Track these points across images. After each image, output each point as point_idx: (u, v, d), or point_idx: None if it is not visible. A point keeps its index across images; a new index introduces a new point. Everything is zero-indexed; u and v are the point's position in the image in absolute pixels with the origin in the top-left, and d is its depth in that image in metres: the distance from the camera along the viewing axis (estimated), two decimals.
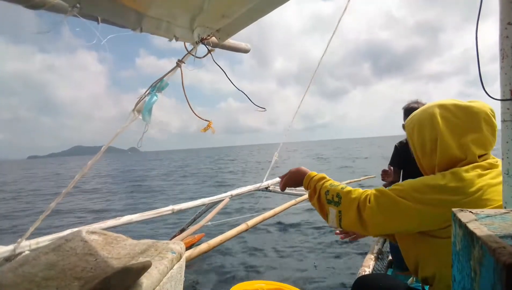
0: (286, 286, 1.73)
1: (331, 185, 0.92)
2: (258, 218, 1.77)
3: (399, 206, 0.79)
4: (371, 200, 0.83)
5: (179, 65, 1.09)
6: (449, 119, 0.87)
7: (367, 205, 0.82)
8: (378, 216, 0.81)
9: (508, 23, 0.55)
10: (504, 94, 0.57)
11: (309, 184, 0.98)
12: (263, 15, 1.02)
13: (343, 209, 0.86)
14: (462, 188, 0.76)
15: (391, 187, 0.84)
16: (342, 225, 0.87)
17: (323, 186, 0.93)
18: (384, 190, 0.84)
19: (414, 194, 0.78)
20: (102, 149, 1.15)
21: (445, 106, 0.90)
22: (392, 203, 0.80)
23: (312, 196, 0.96)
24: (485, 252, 0.31)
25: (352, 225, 0.85)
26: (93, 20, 0.85)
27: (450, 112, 0.88)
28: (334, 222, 0.89)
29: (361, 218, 0.83)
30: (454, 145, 0.85)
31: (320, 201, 0.93)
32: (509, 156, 0.57)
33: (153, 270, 0.75)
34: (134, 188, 11.38)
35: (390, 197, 0.81)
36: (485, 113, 0.85)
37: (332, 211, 0.89)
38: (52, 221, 5.83)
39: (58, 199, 1.22)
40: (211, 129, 1.16)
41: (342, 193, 0.88)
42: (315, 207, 0.96)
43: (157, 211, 2.07)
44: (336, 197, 0.88)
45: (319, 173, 1.00)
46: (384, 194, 0.82)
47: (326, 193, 0.91)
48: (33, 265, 0.73)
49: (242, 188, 2.87)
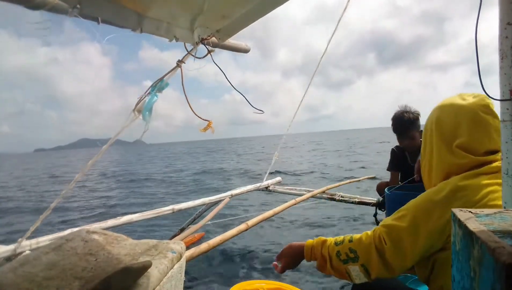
0: (286, 286, 1.73)
1: (337, 244, 0.85)
2: (258, 217, 1.77)
3: (412, 231, 0.75)
4: (386, 240, 0.78)
5: (179, 65, 1.09)
6: (441, 124, 0.87)
7: (385, 247, 0.77)
8: (400, 253, 0.76)
9: (507, 23, 0.55)
10: (503, 94, 0.57)
11: (313, 255, 0.89)
12: (263, 15, 1.03)
13: (365, 261, 0.80)
14: (466, 196, 0.74)
15: (394, 216, 0.80)
16: (373, 276, 0.81)
17: (330, 249, 0.85)
18: (390, 224, 0.79)
19: (420, 215, 0.75)
20: (103, 149, 1.15)
21: (443, 108, 0.89)
22: (405, 233, 0.76)
23: (323, 265, 0.87)
24: (485, 252, 0.31)
25: (380, 273, 0.79)
26: (94, 20, 0.86)
27: (443, 113, 0.88)
28: (362, 278, 0.82)
29: (385, 262, 0.78)
30: (446, 151, 0.84)
31: (334, 266, 0.85)
32: (508, 156, 0.57)
33: (153, 269, 0.75)
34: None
35: (399, 228, 0.77)
36: (472, 111, 0.82)
37: (353, 269, 0.82)
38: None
39: (58, 199, 1.22)
40: (210, 129, 1.16)
41: (354, 246, 0.81)
42: (331, 274, 0.87)
43: (157, 211, 2.07)
44: (350, 253, 0.81)
45: (316, 239, 0.91)
46: (393, 228, 0.78)
47: (338, 255, 0.83)
48: (33, 265, 0.73)
49: (242, 188, 2.87)
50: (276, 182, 3.25)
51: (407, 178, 2.37)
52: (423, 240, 0.75)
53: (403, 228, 0.77)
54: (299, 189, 3.07)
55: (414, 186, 2.17)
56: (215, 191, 4.65)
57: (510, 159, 0.57)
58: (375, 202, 2.75)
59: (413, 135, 2.20)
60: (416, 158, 2.30)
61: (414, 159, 2.33)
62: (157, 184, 10.45)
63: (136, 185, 10.50)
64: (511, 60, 0.55)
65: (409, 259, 0.77)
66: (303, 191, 2.98)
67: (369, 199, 2.81)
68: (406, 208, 0.80)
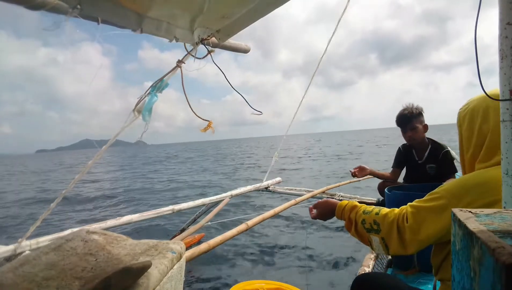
0: (286, 286, 1.73)
1: (364, 213, 0.88)
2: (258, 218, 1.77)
3: (438, 212, 0.75)
4: (409, 218, 0.79)
5: (179, 65, 1.09)
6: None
7: (406, 226, 0.78)
8: (418, 233, 0.76)
9: (507, 23, 0.55)
10: (503, 94, 0.57)
11: (343, 215, 0.95)
12: (263, 15, 1.03)
13: (385, 235, 0.82)
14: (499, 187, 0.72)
15: (426, 198, 0.80)
16: (391, 251, 0.83)
17: (357, 215, 0.90)
18: (417, 205, 0.80)
19: (450, 197, 0.74)
20: (103, 149, 1.15)
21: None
22: (430, 213, 0.76)
23: (349, 227, 0.93)
24: (485, 252, 0.31)
25: (398, 250, 0.81)
26: (94, 21, 0.86)
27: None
28: (380, 250, 0.85)
29: (402, 240, 0.79)
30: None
31: (359, 231, 0.89)
32: (508, 156, 0.57)
33: (153, 270, 0.75)
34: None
35: (426, 208, 0.77)
36: None
37: (375, 239, 0.85)
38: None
39: (58, 200, 1.23)
40: (211, 129, 1.16)
41: (379, 219, 0.84)
42: (355, 236, 0.92)
43: (157, 211, 2.07)
44: (374, 224, 0.85)
45: (349, 202, 0.96)
46: (420, 208, 0.78)
47: (363, 223, 0.87)
48: (33, 265, 0.73)
49: (242, 188, 2.87)
50: (276, 182, 3.25)
51: (414, 175, 2.38)
52: (445, 222, 0.74)
53: (429, 208, 0.77)
54: (299, 189, 3.07)
55: (414, 186, 2.18)
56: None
57: (510, 159, 0.57)
58: (375, 202, 2.75)
59: (415, 127, 2.26)
60: (422, 154, 2.32)
61: (420, 156, 2.35)
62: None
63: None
64: (511, 60, 0.55)
65: (425, 240, 0.77)
66: (303, 191, 2.98)
67: (369, 199, 2.81)
68: (437, 191, 0.79)
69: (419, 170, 2.32)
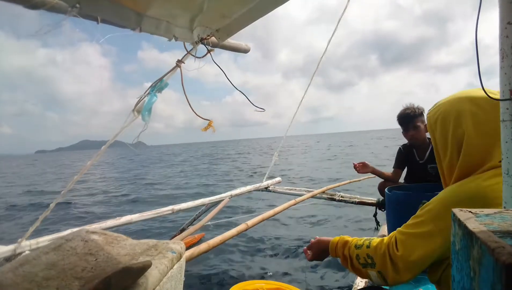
0: (286, 286, 1.73)
1: (357, 247, 0.88)
2: (258, 218, 1.77)
3: (425, 237, 0.74)
4: (399, 247, 0.78)
5: (178, 65, 1.09)
6: (479, 118, 0.77)
7: (397, 255, 0.78)
8: (411, 261, 0.76)
9: (508, 22, 0.55)
10: (503, 94, 0.57)
11: (337, 253, 0.94)
12: (263, 15, 1.02)
13: (381, 268, 0.81)
14: (484, 199, 0.70)
15: (412, 222, 0.79)
16: (389, 283, 0.82)
17: (350, 251, 0.89)
18: (406, 231, 0.79)
19: (434, 220, 0.74)
20: (102, 150, 1.15)
21: (476, 100, 0.78)
22: (418, 238, 0.75)
23: (345, 264, 0.92)
24: (485, 251, 0.31)
25: (396, 280, 0.80)
26: (93, 20, 0.86)
27: (480, 108, 0.77)
28: (380, 283, 0.84)
29: (397, 270, 0.78)
30: (481, 149, 0.76)
31: (355, 267, 0.88)
32: (508, 156, 0.57)
33: (153, 269, 0.75)
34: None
35: (414, 235, 0.76)
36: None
37: (372, 273, 0.84)
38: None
39: (58, 200, 1.23)
40: (211, 128, 1.16)
41: (371, 252, 0.83)
42: (354, 273, 0.91)
43: (157, 211, 2.07)
44: (368, 258, 0.84)
45: (340, 238, 0.96)
46: (408, 235, 0.77)
47: (357, 258, 0.86)
48: (33, 265, 0.73)
49: (242, 188, 2.87)
50: (276, 182, 3.25)
51: (415, 175, 2.38)
52: (437, 245, 0.73)
53: (417, 234, 0.75)
54: (299, 189, 3.07)
55: (414, 186, 2.18)
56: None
57: (510, 159, 0.57)
58: (375, 202, 2.75)
59: (417, 126, 2.27)
60: (423, 154, 2.32)
61: (421, 156, 2.35)
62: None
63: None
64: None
65: (419, 266, 0.76)
66: (303, 191, 2.98)
67: (369, 199, 2.81)
68: (421, 214, 0.78)
69: (420, 170, 2.32)
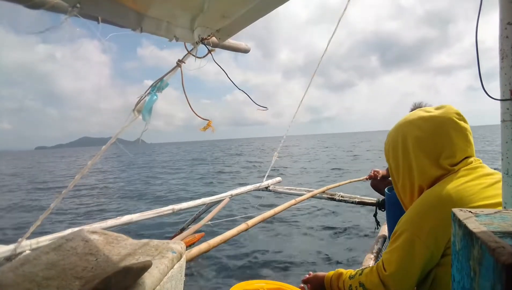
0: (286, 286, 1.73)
1: (350, 278, 0.92)
2: (258, 218, 1.77)
3: (406, 247, 0.77)
4: (386, 266, 0.82)
5: (179, 65, 1.09)
6: (420, 139, 0.85)
7: (386, 275, 0.81)
8: (399, 276, 0.79)
9: (508, 23, 0.55)
10: (503, 94, 0.57)
11: (332, 287, 0.98)
12: (264, 15, 1.02)
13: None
14: (450, 201, 0.75)
15: (392, 239, 0.83)
16: None
17: (344, 283, 0.93)
18: (389, 249, 0.83)
19: (412, 230, 0.77)
20: (103, 149, 1.15)
21: (413, 122, 0.88)
22: (400, 250, 0.79)
23: None
24: (485, 252, 0.31)
25: None
26: (94, 20, 0.86)
27: (419, 129, 0.86)
28: None
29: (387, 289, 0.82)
30: (430, 166, 0.84)
31: None
32: (508, 156, 0.57)
33: (153, 269, 0.75)
34: None
35: (395, 250, 0.80)
36: (451, 121, 0.84)
37: None
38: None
39: (58, 200, 1.22)
40: (211, 128, 1.16)
41: (362, 280, 0.87)
42: None
43: (157, 211, 2.07)
44: (360, 286, 0.88)
45: (335, 272, 1.00)
46: (391, 253, 0.81)
47: (350, 288, 0.90)
48: (33, 265, 0.73)
49: (242, 188, 2.87)
50: (276, 182, 3.25)
51: None
52: (420, 254, 0.76)
53: (398, 247, 0.79)
54: (299, 189, 3.07)
55: None
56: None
57: (510, 159, 0.57)
58: (375, 202, 2.74)
59: None
60: None
61: None
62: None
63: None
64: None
65: (408, 278, 0.79)
66: (303, 191, 2.98)
67: (369, 199, 2.81)
68: (397, 228, 0.82)
69: None
